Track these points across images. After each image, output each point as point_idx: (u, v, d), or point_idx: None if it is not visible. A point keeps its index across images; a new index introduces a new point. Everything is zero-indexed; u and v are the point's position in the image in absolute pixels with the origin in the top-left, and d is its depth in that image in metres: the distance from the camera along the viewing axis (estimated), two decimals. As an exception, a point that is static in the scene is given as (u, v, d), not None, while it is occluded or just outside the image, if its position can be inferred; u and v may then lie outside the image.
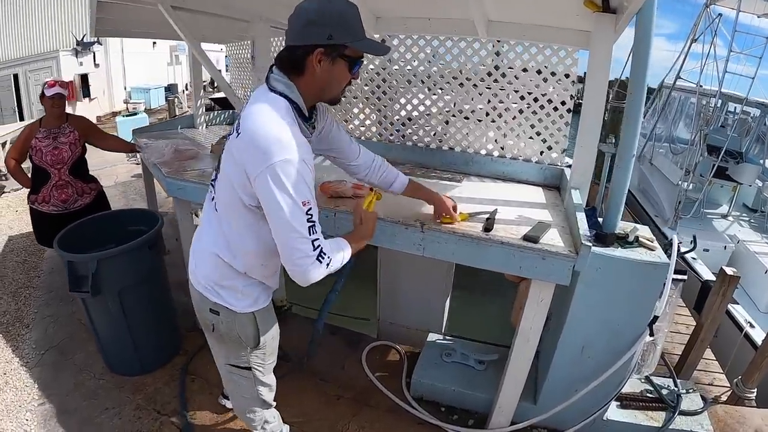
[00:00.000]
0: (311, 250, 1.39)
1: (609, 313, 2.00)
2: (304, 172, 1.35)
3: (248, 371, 1.84)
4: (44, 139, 3.20)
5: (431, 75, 2.88)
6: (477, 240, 1.93)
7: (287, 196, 1.33)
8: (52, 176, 3.25)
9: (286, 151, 1.32)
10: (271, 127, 1.36)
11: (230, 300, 1.65)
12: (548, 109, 2.66)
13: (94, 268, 2.49)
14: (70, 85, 13.95)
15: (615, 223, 2.01)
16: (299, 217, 1.35)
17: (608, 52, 2.14)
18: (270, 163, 1.31)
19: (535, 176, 2.82)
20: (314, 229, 1.40)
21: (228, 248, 1.59)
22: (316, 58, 1.39)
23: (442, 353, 2.74)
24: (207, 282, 1.67)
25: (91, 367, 3.00)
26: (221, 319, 1.69)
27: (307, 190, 1.37)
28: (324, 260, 1.43)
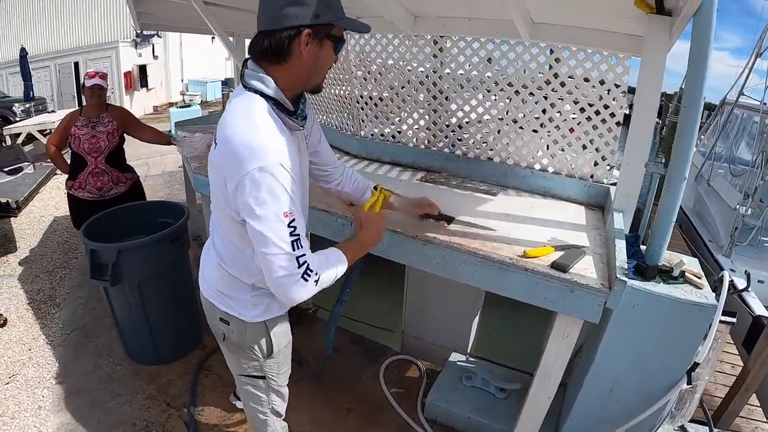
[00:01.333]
0: (295, 267, 1.26)
1: (643, 355, 1.79)
2: (283, 178, 1.22)
3: (262, 380, 1.77)
4: (83, 128, 3.28)
5: (485, 80, 2.72)
6: (499, 264, 1.77)
7: (264, 208, 1.22)
8: (89, 164, 3.32)
9: (259, 158, 1.20)
10: (243, 132, 1.24)
11: (239, 310, 1.56)
12: (595, 121, 2.46)
13: (114, 258, 2.52)
14: (127, 75, 14.56)
15: (659, 254, 1.80)
16: (280, 231, 1.23)
17: (662, 60, 1.95)
18: (243, 173, 1.20)
19: (577, 193, 2.61)
20: (299, 244, 1.26)
21: (233, 261, 1.51)
22: (304, 41, 1.26)
23: (463, 376, 2.60)
24: (215, 291, 1.60)
25: (111, 353, 3.08)
26: (231, 329, 1.61)
27: (287, 199, 1.23)
28: (310, 278, 1.30)
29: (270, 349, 1.65)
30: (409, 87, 2.95)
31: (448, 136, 2.92)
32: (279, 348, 1.68)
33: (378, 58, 2.97)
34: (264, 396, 1.82)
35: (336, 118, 3.41)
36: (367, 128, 3.16)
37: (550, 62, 2.52)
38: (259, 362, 1.70)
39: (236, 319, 1.57)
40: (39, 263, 4.37)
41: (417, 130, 3.02)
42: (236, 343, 1.64)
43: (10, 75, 15.30)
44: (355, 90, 3.09)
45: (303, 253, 1.27)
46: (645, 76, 2.00)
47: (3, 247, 4.69)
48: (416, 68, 2.90)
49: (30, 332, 3.34)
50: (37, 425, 2.52)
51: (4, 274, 4.15)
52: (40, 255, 4.54)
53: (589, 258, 1.85)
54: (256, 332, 1.60)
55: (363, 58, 3.03)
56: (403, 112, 3.03)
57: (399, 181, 2.72)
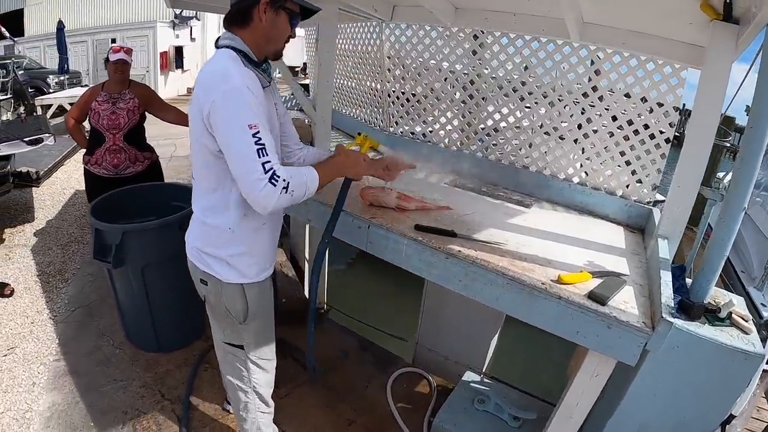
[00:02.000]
0: (261, 173, 1.37)
1: (677, 402, 1.60)
2: (247, 97, 1.39)
3: (241, 351, 1.82)
4: (103, 103, 3.20)
5: (525, 83, 2.54)
6: (530, 289, 1.59)
7: (231, 121, 1.38)
8: (107, 140, 3.24)
9: (226, 82, 1.38)
10: (214, 66, 1.45)
11: (217, 268, 1.64)
12: (643, 136, 2.26)
13: (118, 240, 2.43)
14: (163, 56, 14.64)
15: (706, 291, 1.60)
16: (245, 140, 1.37)
17: (725, 73, 1.75)
18: (218, 93, 1.38)
19: (617, 212, 2.40)
20: (263, 152, 1.39)
21: (209, 208, 1.60)
22: (262, 9, 1.47)
23: (476, 398, 2.41)
24: (196, 249, 1.68)
25: (113, 335, 3.00)
26: (210, 290, 1.70)
27: (251, 114, 1.39)
28: (278, 183, 1.40)
29: (245, 312, 1.71)
30: (444, 84, 2.77)
31: (482, 139, 2.74)
32: (255, 313, 1.74)
33: (413, 51, 2.80)
34: (244, 370, 1.86)
35: (366, 112, 3.26)
36: (398, 125, 2.99)
37: (598, 67, 2.33)
38: (236, 328, 1.76)
39: (214, 279, 1.66)
40: (54, 236, 4.34)
41: (450, 131, 2.84)
42: (214, 304, 1.74)
43: (48, 47, 15.50)
44: (387, 83, 2.92)
45: (268, 160, 1.39)
46: (705, 89, 1.80)
47: (21, 216, 4.69)
48: (453, 64, 2.72)
49: (35, 305, 3.29)
50: (28, 402, 2.47)
51: (18, 243, 4.13)
52: (56, 227, 4.51)
53: (629, 289, 1.66)
54: (233, 294, 1.67)
55: (397, 50, 2.86)
56: (436, 110, 2.85)
57: (426, 184, 2.55)
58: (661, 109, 2.21)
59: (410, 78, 2.88)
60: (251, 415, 1.96)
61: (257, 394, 1.93)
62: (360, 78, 3.21)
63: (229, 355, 1.87)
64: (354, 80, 3.28)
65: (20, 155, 4.56)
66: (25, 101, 7.36)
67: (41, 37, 16.11)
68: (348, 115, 3.42)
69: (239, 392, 1.92)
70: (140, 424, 2.37)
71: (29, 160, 5.17)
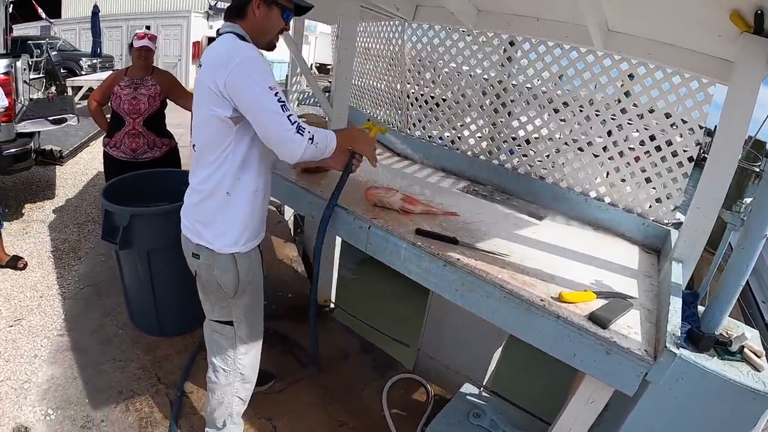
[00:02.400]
0: (288, 124, 1.50)
1: (678, 437, 1.51)
2: (263, 64, 1.51)
3: (230, 327, 1.86)
4: (126, 88, 3.24)
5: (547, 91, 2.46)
6: (528, 305, 1.50)
7: (255, 83, 1.48)
8: (127, 124, 3.28)
9: (243, 52, 1.50)
10: (222, 47, 1.55)
11: (209, 237, 1.69)
12: (665, 152, 2.15)
13: (126, 222, 2.45)
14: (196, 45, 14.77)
15: (719, 321, 1.50)
16: (270, 99, 1.49)
17: (754, 90, 1.65)
18: (234, 64, 1.47)
19: (633, 231, 2.29)
20: (286, 107, 1.51)
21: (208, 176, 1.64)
22: (255, 4, 1.59)
23: (471, 412, 2.33)
24: (191, 223, 1.74)
25: (117, 315, 3.02)
26: (202, 263, 1.74)
27: (269, 77, 1.51)
28: (305, 134, 1.53)
29: (236, 285, 1.76)
30: (464, 88, 2.69)
31: (500, 147, 2.65)
32: (245, 285, 1.79)
33: (434, 53, 2.73)
34: (231, 350, 1.90)
35: (383, 112, 3.20)
36: (414, 127, 2.92)
37: (622, 78, 2.24)
38: (226, 303, 1.82)
39: (206, 251, 1.71)
40: (72, 214, 4.40)
41: (467, 136, 2.76)
42: (205, 279, 1.78)
43: (83, 30, 15.79)
44: (407, 84, 2.86)
45: (291, 113, 1.52)
46: (732, 106, 1.70)
47: (42, 193, 4.77)
48: (474, 67, 2.65)
49: (45, 280, 3.33)
50: (28, 373, 2.50)
51: (36, 219, 4.20)
52: (75, 206, 4.57)
53: (635, 313, 1.56)
54: (225, 265, 1.72)
55: (419, 50, 2.80)
56: (455, 114, 2.78)
57: (438, 188, 2.48)
58: (685, 126, 2.10)
59: (430, 80, 2.82)
60: (227, 399, 1.99)
61: (241, 375, 1.96)
62: (380, 77, 3.16)
63: (215, 334, 1.92)
64: (373, 79, 3.23)
65: (47, 134, 4.65)
66: (57, 81, 7.50)
67: (77, 20, 16.49)
68: (367, 113, 3.37)
69: (221, 374, 1.95)
70: (133, 405, 2.38)
71: (55, 138, 5.27)
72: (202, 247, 1.72)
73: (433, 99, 2.82)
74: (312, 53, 19.40)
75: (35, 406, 2.30)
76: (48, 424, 2.22)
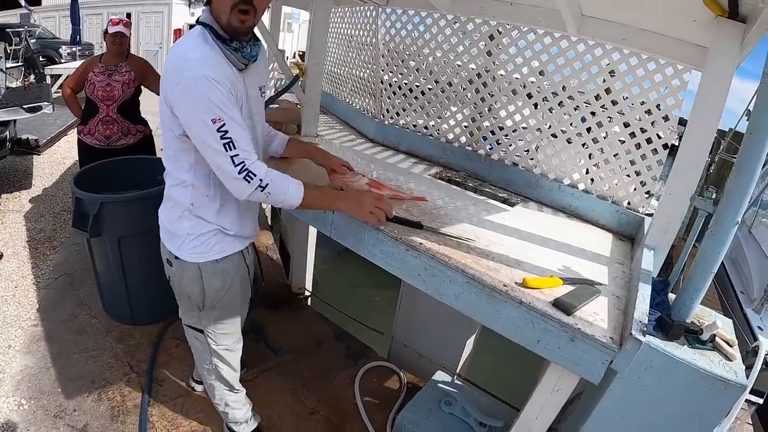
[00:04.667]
0: (231, 165, 1.31)
1: (646, 428, 1.41)
2: (205, 89, 1.26)
3: (201, 334, 1.75)
4: (100, 74, 3.12)
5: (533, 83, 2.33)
6: (490, 290, 1.40)
7: (193, 116, 1.29)
8: (101, 111, 3.16)
9: (185, 70, 1.27)
10: (177, 50, 1.33)
11: (178, 244, 1.55)
12: (640, 139, 2.06)
13: (96, 210, 2.34)
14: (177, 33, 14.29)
15: (689, 309, 1.41)
16: (210, 134, 1.29)
17: (728, 75, 1.57)
18: (176, 84, 1.28)
19: (606, 219, 2.20)
20: (231, 146, 1.30)
21: (176, 186, 1.50)
22: None
23: (443, 400, 2.24)
24: (164, 229, 1.61)
25: (91, 304, 2.91)
26: (174, 271, 1.62)
27: (212, 107, 1.27)
28: (253, 181, 1.34)
29: (203, 298, 1.61)
30: (438, 74, 2.58)
31: (473, 132, 2.55)
32: (213, 299, 1.63)
33: (408, 38, 2.62)
34: (207, 355, 1.81)
35: (358, 99, 3.08)
36: (388, 113, 2.81)
37: (596, 63, 2.14)
38: (196, 312, 1.68)
39: (177, 260, 1.58)
40: (48, 203, 4.26)
41: (440, 121, 2.65)
42: (177, 286, 1.66)
43: (63, 18, 15.25)
44: (380, 71, 2.75)
45: (236, 154, 1.31)
46: (706, 91, 1.62)
47: (19, 182, 4.63)
48: (447, 53, 2.53)
49: (20, 270, 3.21)
50: (2, 364, 2.42)
51: (12, 209, 4.06)
52: (51, 195, 4.43)
53: (603, 300, 1.47)
54: (192, 276, 1.58)
55: (392, 36, 2.69)
56: (428, 100, 2.66)
57: (409, 173, 2.37)
58: (659, 113, 2.02)
59: (403, 65, 2.70)
60: (218, 392, 1.93)
61: (220, 378, 1.87)
62: (355, 64, 3.05)
63: (192, 338, 1.83)
64: (349, 66, 3.12)
65: (24, 123, 4.49)
66: (36, 70, 7.26)
67: (57, 8, 15.90)
68: (342, 100, 3.25)
69: (205, 372, 1.89)
70: (105, 394, 2.30)
71: (33, 128, 5.10)
72: (173, 255, 1.58)
73: (406, 85, 2.71)
74: (296, 41, 19.00)
75: (8, 397, 2.21)
76: (21, 414, 2.14)
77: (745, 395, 1.32)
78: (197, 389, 2.36)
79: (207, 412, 2.26)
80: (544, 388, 1.49)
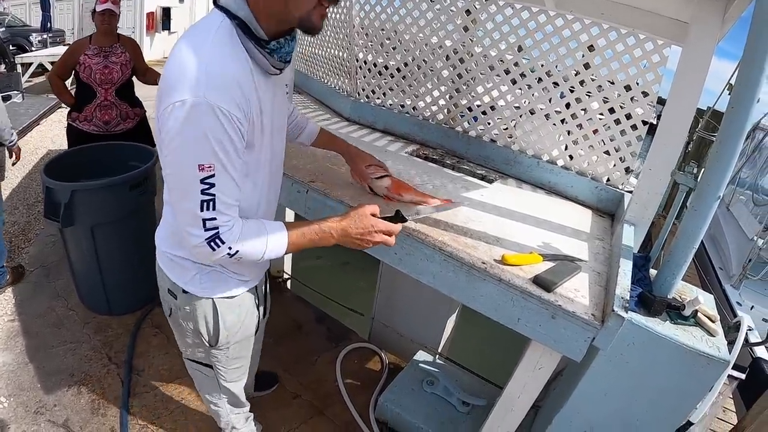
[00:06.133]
0: (200, 229, 0.99)
1: (629, 404, 1.37)
2: (208, 122, 0.90)
3: (209, 369, 1.50)
4: (95, 57, 2.92)
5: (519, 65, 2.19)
6: (468, 268, 1.33)
7: (177, 153, 0.94)
8: (98, 95, 2.98)
9: (191, 88, 0.89)
10: (183, 55, 0.92)
11: (184, 277, 1.25)
12: (619, 115, 1.98)
13: (66, 199, 2.23)
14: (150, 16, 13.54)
15: (671, 285, 1.36)
16: (189, 185, 0.95)
17: (709, 50, 1.49)
18: (165, 105, 0.91)
19: (586, 195, 2.13)
20: (210, 205, 0.97)
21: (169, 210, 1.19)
22: None
23: (425, 379, 2.19)
24: (164, 254, 1.28)
25: (67, 296, 2.80)
26: (179, 305, 1.31)
27: (207, 147, 0.92)
28: (220, 248, 1.01)
29: (216, 337, 1.34)
30: (413, 50, 2.46)
31: (449, 109, 2.45)
32: (229, 339, 1.37)
33: (383, 14, 2.50)
34: (214, 387, 1.58)
35: (333, 77, 2.96)
36: (363, 91, 2.70)
37: (574, 38, 2.05)
38: (204, 349, 1.42)
39: (183, 294, 1.27)
40: (22, 195, 4.09)
41: (416, 99, 2.55)
42: (182, 321, 1.35)
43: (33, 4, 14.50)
44: (355, 48, 2.63)
45: (213, 217, 0.99)
46: (686, 65, 1.54)
47: (-9, 174, 4.42)
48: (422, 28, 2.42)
49: (-6, 264, 3.06)
50: None
51: (-16, 202, 3.87)
52: (25, 187, 4.26)
53: (584, 276, 1.40)
54: (205, 312, 1.29)
55: (367, 12, 2.57)
56: (403, 77, 2.55)
57: (385, 152, 2.27)
58: (639, 88, 1.94)
59: (378, 43, 2.58)
60: (224, 419, 1.72)
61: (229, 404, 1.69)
62: (331, 43, 2.92)
63: (194, 371, 1.57)
64: (326, 45, 2.98)
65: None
66: (6, 59, 6.95)
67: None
68: (318, 79, 3.12)
69: (209, 402, 1.67)
70: (85, 387, 2.22)
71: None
72: (178, 287, 1.27)
73: (382, 63, 2.59)
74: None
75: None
76: (1, 412, 2.06)
77: (728, 370, 1.27)
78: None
79: (189, 401, 2.20)
80: (525, 366, 1.43)
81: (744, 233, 6.99)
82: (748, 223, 7.10)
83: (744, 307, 5.47)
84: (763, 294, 5.86)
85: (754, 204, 7.54)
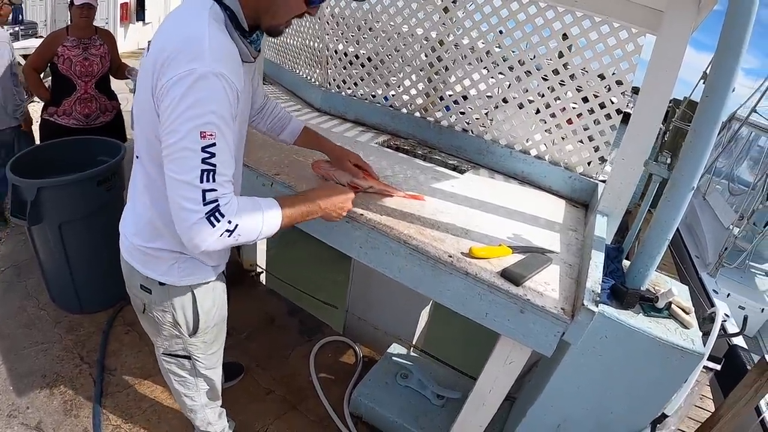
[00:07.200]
0: (199, 203, 0.92)
1: (603, 397, 1.30)
2: (215, 89, 0.90)
3: (187, 360, 1.43)
4: (74, 48, 2.78)
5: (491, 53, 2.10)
6: (434, 261, 1.24)
7: (179, 121, 0.89)
8: (78, 88, 2.84)
9: (199, 59, 0.89)
10: (185, 30, 0.93)
11: (163, 268, 1.20)
12: (593, 104, 1.90)
13: (33, 196, 2.10)
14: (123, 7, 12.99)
15: (644, 276, 1.29)
16: (190, 152, 0.90)
17: (683, 39, 1.42)
18: (170, 77, 0.89)
19: (560, 185, 2.05)
20: (210, 176, 0.92)
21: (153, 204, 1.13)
22: None
23: (399, 372, 2.10)
24: (135, 249, 1.21)
25: (39, 296, 2.65)
26: (153, 299, 1.26)
27: (210, 114, 0.90)
28: (220, 224, 0.94)
29: (196, 324, 1.32)
30: (384, 39, 2.35)
31: (422, 99, 2.35)
32: (207, 324, 1.34)
33: (353, 1, 2.39)
34: (191, 378, 1.49)
35: (304, 67, 2.84)
36: (334, 81, 2.58)
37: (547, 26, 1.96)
38: (182, 339, 1.36)
39: (159, 286, 1.22)
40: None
41: (387, 88, 2.44)
42: (159, 315, 1.29)
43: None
44: (325, 37, 2.51)
45: (213, 188, 0.93)
46: (660, 54, 1.46)
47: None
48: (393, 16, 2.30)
49: (-37, 265, 2.90)
50: None
51: (-48, 202, 3.69)
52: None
53: (555, 269, 1.32)
54: (184, 302, 1.26)
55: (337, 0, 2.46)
56: (374, 67, 2.44)
57: (355, 143, 2.17)
58: (613, 77, 1.86)
59: (349, 32, 2.47)
60: (200, 415, 1.64)
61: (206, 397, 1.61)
62: (300, 32, 2.80)
63: (172, 365, 1.48)
64: (294, 35, 2.86)
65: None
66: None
67: None
68: (289, 70, 3.00)
69: (185, 398, 1.57)
70: (57, 388, 2.11)
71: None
72: (152, 281, 1.21)
73: (352, 52, 2.48)
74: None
75: (-40, 400, 1.99)
76: None
77: (703, 363, 1.21)
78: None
79: (162, 399, 2.10)
80: (496, 360, 1.35)
81: (720, 222, 7.00)
82: (725, 212, 7.11)
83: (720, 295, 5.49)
84: (739, 282, 5.88)
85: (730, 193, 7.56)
